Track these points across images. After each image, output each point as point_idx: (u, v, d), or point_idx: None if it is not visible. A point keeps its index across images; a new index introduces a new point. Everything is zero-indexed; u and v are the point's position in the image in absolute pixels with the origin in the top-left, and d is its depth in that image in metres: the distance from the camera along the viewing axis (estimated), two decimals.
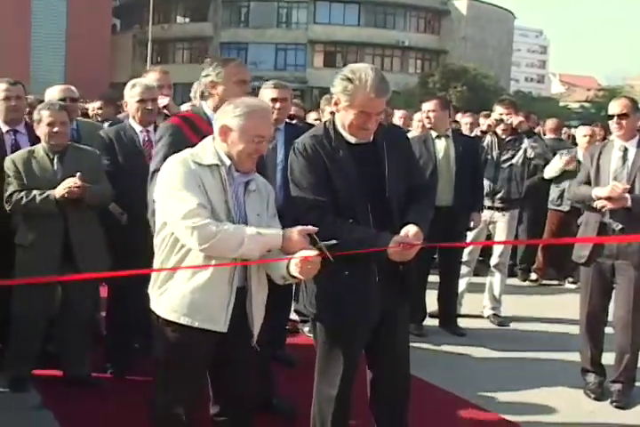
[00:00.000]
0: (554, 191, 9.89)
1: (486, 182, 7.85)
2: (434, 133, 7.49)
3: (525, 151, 7.82)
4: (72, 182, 5.20)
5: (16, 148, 5.77)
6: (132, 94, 5.90)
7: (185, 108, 6.58)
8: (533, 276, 10.32)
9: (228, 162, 3.77)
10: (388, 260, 3.88)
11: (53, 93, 6.55)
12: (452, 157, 7.42)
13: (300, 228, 3.65)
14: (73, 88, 6.76)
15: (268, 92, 6.04)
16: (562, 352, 6.86)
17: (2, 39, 42.70)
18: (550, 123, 11.50)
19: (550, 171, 9.64)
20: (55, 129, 5.38)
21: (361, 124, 3.98)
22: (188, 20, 63.08)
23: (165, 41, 59.67)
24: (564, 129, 12.95)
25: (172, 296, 3.77)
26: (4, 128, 5.90)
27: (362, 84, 3.87)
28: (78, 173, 5.21)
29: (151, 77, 6.56)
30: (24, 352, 5.52)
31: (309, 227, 3.63)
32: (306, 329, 6.97)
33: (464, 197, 7.36)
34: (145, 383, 4.91)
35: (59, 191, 5.23)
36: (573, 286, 9.88)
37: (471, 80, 50.68)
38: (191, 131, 4.45)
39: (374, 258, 3.86)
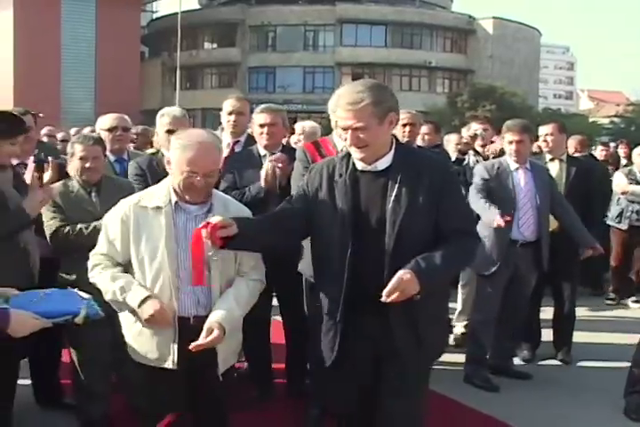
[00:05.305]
0: (614, 208, 9.88)
1: None
2: (548, 156, 7.31)
3: None
4: None
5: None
6: (160, 124, 5.86)
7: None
8: (611, 295, 10.17)
9: (174, 199, 3.87)
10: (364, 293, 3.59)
11: (105, 122, 6.29)
12: (563, 181, 7.15)
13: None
14: (126, 117, 6.49)
15: (255, 118, 5.90)
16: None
17: (33, 72, 43.24)
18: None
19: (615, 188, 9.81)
20: (87, 164, 5.12)
21: (346, 140, 3.69)
22: (215, 45, 63.49)
23: (194, 67, 60.03)
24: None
25: (127, 337, 4.01)
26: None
27: (334, 98, 3.77)
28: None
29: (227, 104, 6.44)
30: (94, 392, 5.13)
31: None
32: None
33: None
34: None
35: None
36: (637, 306, 9.99)
37: (499, 99, 50.54)
38: (317, 152, 5.26)
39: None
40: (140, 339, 3.90)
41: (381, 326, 3.65)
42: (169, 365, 3.84)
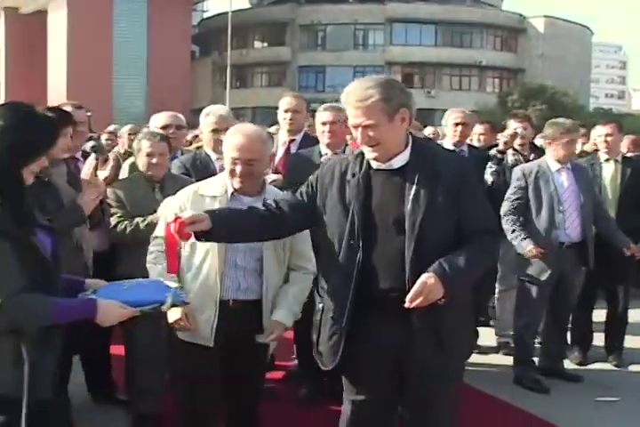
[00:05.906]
0: None
1: None
2: (602, 157, 7.19)
3: None
4: None
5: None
6: (205, 123, 5.83)
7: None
8: None
9: (230, 189, 4.08)
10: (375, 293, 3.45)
11: (159, 120, 6.20)
12: (618, 182, 7.09)
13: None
14: (180, 115, 6.36)
15: (318, 116, 5.95)
16: None
17: (86, 71, 43.70)
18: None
19: None
20: (154, 160, 5.18)
21: (357, 139, 3.53)
22: (265, 44, 63.64)
23: (244, 66, 60.26)
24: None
25: None
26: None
27: (344, 94, 3.51)
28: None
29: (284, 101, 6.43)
30: (145, 388, 5.15)
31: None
32: None
33: (626, 224, 6.75)
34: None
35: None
36: None
37: (550, 98, 50.06)
38: None
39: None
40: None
41: (401, 330, 3.45)
42: (206, 342, 4.04)
